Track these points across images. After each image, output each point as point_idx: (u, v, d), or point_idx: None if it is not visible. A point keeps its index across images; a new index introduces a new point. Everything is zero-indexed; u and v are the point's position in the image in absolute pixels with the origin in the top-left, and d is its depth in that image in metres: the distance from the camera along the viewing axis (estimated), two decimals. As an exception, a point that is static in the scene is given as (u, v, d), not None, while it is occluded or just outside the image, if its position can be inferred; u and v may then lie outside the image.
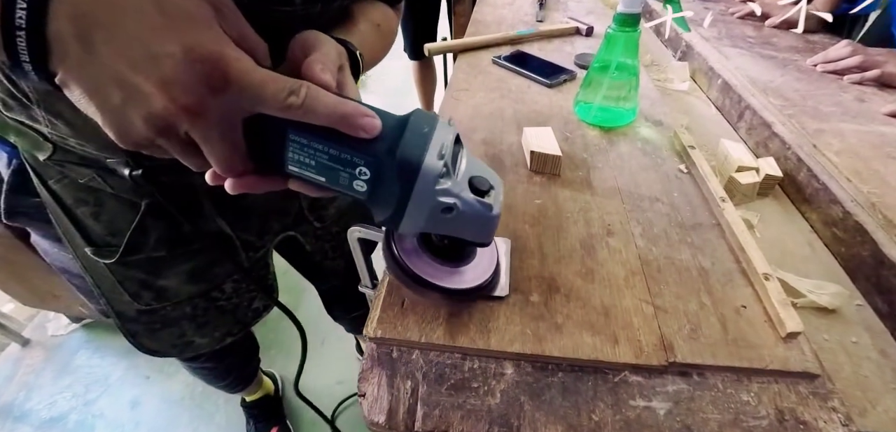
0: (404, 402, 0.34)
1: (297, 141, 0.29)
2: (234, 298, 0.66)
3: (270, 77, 0.26)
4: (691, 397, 0.35)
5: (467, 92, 0.74)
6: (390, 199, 0.30)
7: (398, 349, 0.37)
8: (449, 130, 0.30)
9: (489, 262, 0.39)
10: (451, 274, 0.37)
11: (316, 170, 0.30)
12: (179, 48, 0.23)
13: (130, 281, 0.56)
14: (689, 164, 0.58)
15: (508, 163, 0.57)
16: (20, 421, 1.26)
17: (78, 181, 0.49)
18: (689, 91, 0.87)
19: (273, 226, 0.64)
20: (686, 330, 0.38)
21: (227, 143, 0.27)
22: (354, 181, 0.29)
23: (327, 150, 0.29)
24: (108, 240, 0.53)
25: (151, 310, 0.60)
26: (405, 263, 0.36)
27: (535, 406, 0.34)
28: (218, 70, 0.24)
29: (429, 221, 0.31)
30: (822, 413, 0.34)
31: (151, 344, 0.65)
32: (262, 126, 0.28)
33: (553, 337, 0.37)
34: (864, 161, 0.58)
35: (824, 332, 0.44)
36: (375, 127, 0.28)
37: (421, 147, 0.28)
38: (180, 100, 0.24)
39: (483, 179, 0.32)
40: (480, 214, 0.31)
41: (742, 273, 0.44)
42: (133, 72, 0.23)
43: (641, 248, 0.45)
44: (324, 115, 0.27)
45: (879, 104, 0.71)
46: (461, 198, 0.30)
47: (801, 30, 0.98)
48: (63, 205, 0.51)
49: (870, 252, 0.49)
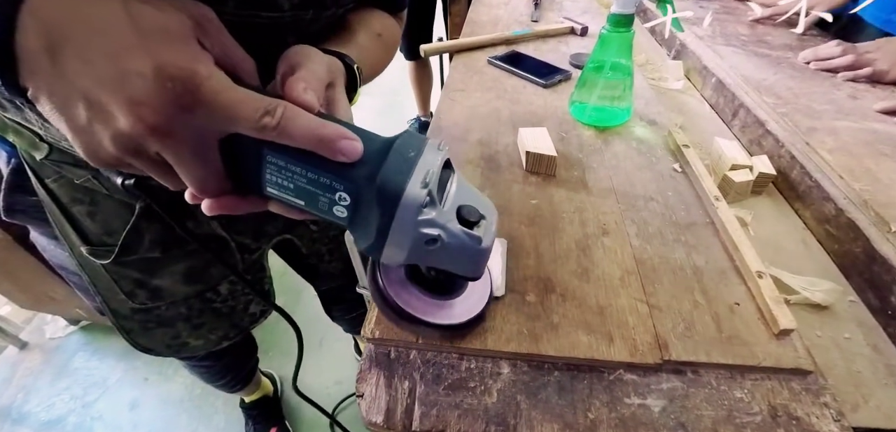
0: (402, 402, 0.34)
1: (274, 163, 0.27)
2: (231, 301, 0.66)
3: (245, 96, 0.25)
4: (686, 394, 0.35)
5: (463, 93, 0.74)
6: (371, 228, 0.28)
7: (396, 349, 0.38)
8: (437, 154, 0.28)
9: (481, 294, 0.37)
10: (439, 307, 0.35)
11: (294, 193, 0.28)
12: (149, 66, 0.22)
13: (125, 280, 0.57)
14: (683, 163, 0.59)
15: (504, 164, 0.57)
16: (19, 424, 1.25)
17: (74, 181, 0.49)
18: (684, 90, 0.88)
19: (268, 230, 0.64)
20: (680, 329, 0.38)
21: (200, 163, 0.26)
22: (334, 206, 0.28)
23: (305, 174, 0.27)
24: (103, 240, 0.53)
25: (146, 308, 0.60)
26: (390, 296, 0.34)
27: (531, 404, 0.34)
28: (188, 89, 0.23)
29: (412, 252, 0.29)
30: (815, 408, 0.35)
31: (145, 341, 0.66)
32: (239, 147, 0.27)
33: (549, 337, 0.37)
34: (857, 158, 0.58)
35: (817, 329, 0.44)
36: (356, 151, 0.27)
37: (404, 173, 0.27)
38: (148, 119, 0.23)
39: (472, 209, 0.30)
40: (468, 247, 0.29)
41: (736, 271, 0.44)
42: (100, 90, 0.22)
43: (636, 248, 0.46)
44: (301, 138, 0.26)
45: (872, 101, 0.72)
46: (447, 229, 0.28)
47: (801, 30, 0.98)
48: (59, 203, 0.51)
49: (862, 248, 0.50)
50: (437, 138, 0.30)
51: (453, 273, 0.31)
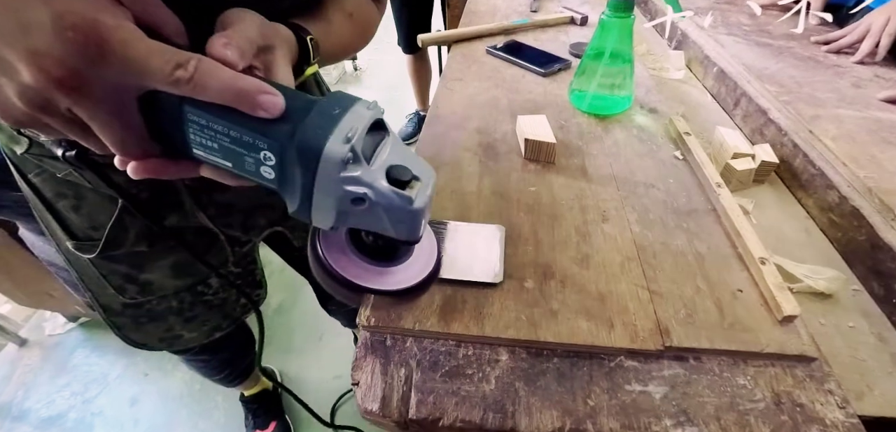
0: (398, 390, 0.34)
1: (196, 121, 0.26)
2: (222, 293, 0.66)
3: (155, 48, 0.24)
4: (687, 381, 0.35)
5: (461, 82, 0.74)
6: (297, 188, 0.27)
7: (392, 337, 0.37)
8: (366, 114, 0.27)
9: (428, 258, 0.36)
10: (381, 274, 0.35)
11: (220, 154, 0.27)
12: (48, 15, 0.21)
13: (114, 274, 0.56)
14: (684, 151, 0.58)
15: (502, 152, 0.57)
16: (19, 421, 1.25)
17: (56, 175, 0.48)
18: (685, 79, 0.87)
19: (259, 222, 0.63)
20: (682, 315, 0.38)
21: (118, 122, 0.25)
22: (261, 166, 0.27)
23: (228, 132, 0.26)
24: (89, 234, 0.52)
25: (137, 303, 0.60)
26: (328, 262, 0.33)
27: (530, 391, 0.34)
28: (92, 39, 0.22)
29: (341, 214, 0.28)
30: (819, 395, 0.34)
31: (138, 336, 0.65)
32: (158, 104, 0.26)
33: (548, 323, 0.36)
34: (861, 146, 0.57)
35: (821, 317, 0.44)
36: (276, 105, 0.26)
37: (325, 128, 0.26)
38: (52, 72, 0.22)
39: (403, 169, 0.29)
40: (397, 207, 0.28)
41: (738, 257, 0.43)
42: (0, 42, 0.21)
43: (637, 234, 0.45)
44: (217, 91, 0.25)
45: (875, 90, 0.71)
46: (374, 187, 0.27)
47: (800, 30, 0.97)
48: (43, 198, 0.50)
49: (866, 236, 0.49)
50: (371, 99, 0.29)
51: (390, 237, 0.30)
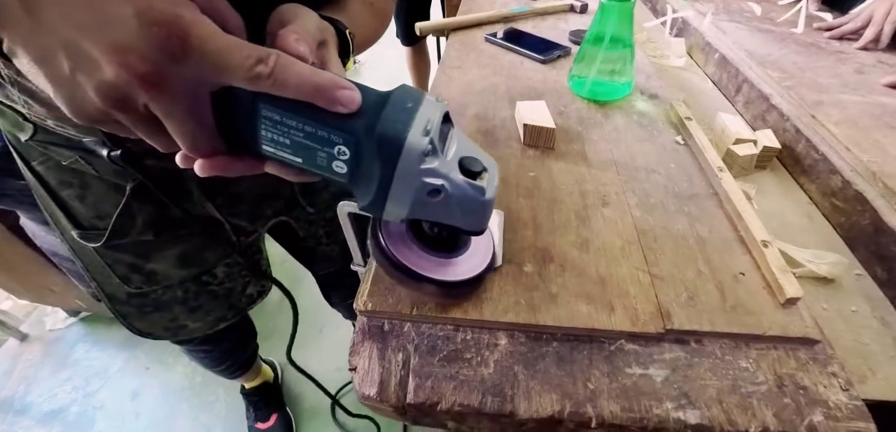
0: (396, 374, 0.33)
1: (269, 117, 0.26)
2: (227, 283, 0.66)
3: (236, 44, 0.24)
4: (689, 364, 0.34)
5: (460, 69, 0.73)
6: (372, 182, 0.27)
7: (390, 322, 0.36)
8: (437, 107, 0.28)
9: (485, 251, 0.36)
10: (442, 265, 0.34)
11: (292, 149, 0.27)
12: (131, 10, 0.21)
13: (119, 264, 0.56)
14: (685, 136, 0.57)
15: (501, 137, 0.56)
16: (21, 415, 1.26)
17: (61, 163, 0.47)
18: (686, 67, 0.86)
19: (265, 212, 0.63)
20: (683, 298, 0.37)
21: (192, 120, 0.25)
22: (333, 161, 0.27)
23: (302, 128, 0.26)
24: (94, 223, 0.51)
25: (142, 293, 0.59)
26: (393, 254, 0.33)
27: (529, 375, 0.33)
28: (176, 34, 0.22)
29: (415, 206, 0.28)
30: (823, 378, 0.34)
31: (143, 326, 0.65)
32: (232, 100, 0.26)
33: (548, 307, 0.36)
34: (864, 131, 0.57)
35: (823, 302, 0.43)
36: (354, 100, 0.26)
37: (404, 122, 0.26)
38: (135, 68, 0.22)
39: (475, 160, 0.29)
40: (471, 198, 0.28)
41: (740, 241, 0.43)
42: (81, 36, 0.21)
43: (637, 218, 0.45)
44: (296, 87, 0.25)
45: (879, 75, 0.70)
46: (450, 179, 0.27)
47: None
48: (48, 187, 0.50)
49: (869, 220, 0.48)
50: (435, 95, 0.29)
51: (457, 227, 0.30)
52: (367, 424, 1.17)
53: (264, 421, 1.16)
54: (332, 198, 0.73)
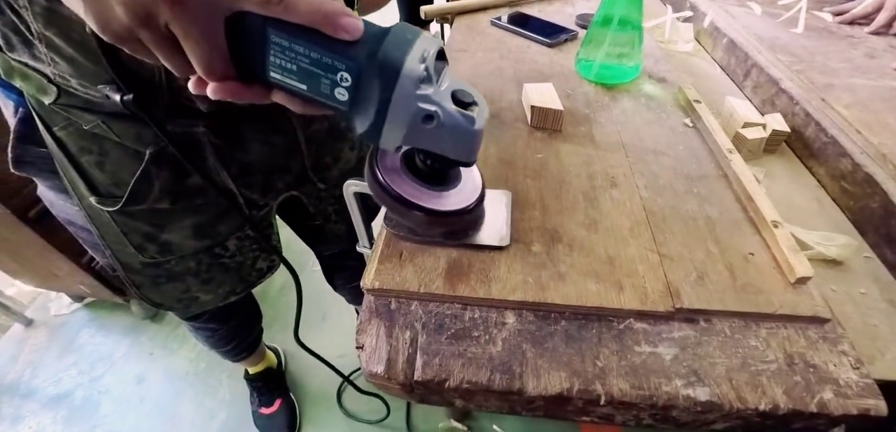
0: (403, 352, 0.33)
1: (278, 43, 0.28)
2: (238, 256, 0.67)
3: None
4: (698, 342, 0.34)
5: (465, 53, 0.72)
6: (371, 108, 0.29)
7: (397, 300, 0.36)
8: (433, 42, 0.29)
9: (473, 189, 0.38)
10: (433, 197, 0.36)
11: (297, 76, 0.29)
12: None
13: (135, 232, 0.56)
14: (694, 119, 0.57)
15: (508, 120, 0.56)
16: (27, 399, 1.27)
17: (83, 128, 0.48)
18: (694, 52, 0.85)
19: (276, 185, 0.64)
20: (693, 278, 0.37)
21: (207, 42, 0.27)
22: (336, 88, 0.29)
23: (308, 54, 0.28)
24: (111, 190, 0.53)
25: (156, 263, 0.61)
26: (387, 183, 0.35)
27: (537, 353, 0.33)
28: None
29: (410, 132, 0.30)
30: (833, 356, 0.34)
31: (156, 296, 0.66)
32: (244, 26, 0.28)
33: (556, 286, 0.36)
34: (875, 114, 0.56)
35: (832, 283, 0.43)
36: (357, 28, 0.28)
37: (402, 49, 0.28)
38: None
39: (466, 92, 0.31)
40: (462, 127, 0.30)
41: (750, 222, 0.43)
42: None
43: (646, 199, 0.44)
44: (305, 13, 0.27)
45: (890, 59, 0.69)
46: (443, 107, 0.29)
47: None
48: (68, 153, 0.50)
49: (879, 203, 0.48)
50: None
51: (447, 158, 0.32)
52: (376, 407, 1.17)
53: (268, 407, 1.16)
54: (341, 174, 0.72)
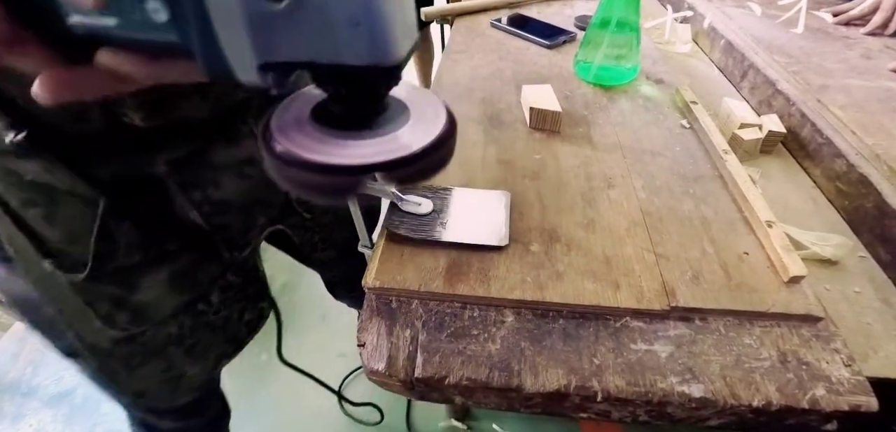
0: (404, 350, 0.34)
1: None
2: (224, 310, 0.57)
3: None
4: (693, 340, 0.35)
5: (465, 54, 0.73)
6: (192, 18, 0.19)
7: (397, 299, 0.37)
8: None
9: (434, 120, 0.25)
10: (367, 146, 0.23)
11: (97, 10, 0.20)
12: None
13: (101, 300, 0.46)
14: (691, 120, 0.57)
15: (507, 121, 0.56)
16: (28, 397, 1.27)
17: (24, 178, 0.40)
18: (691, 53, 0.86)
19: (257, 220, 0.56)
20: (688, 277, 0.38)
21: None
22: (148, 3, 0.20)
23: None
24: (65, 249, 0.43)
25: (129, 336, 0.50)
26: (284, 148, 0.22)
27: (536, 351, 0.34)
28: None
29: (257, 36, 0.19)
30: (825, 354, 0.34)
31: (136, 383, 0.54)
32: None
33: (554, 285, 0.37)
34: (870, 115, 0.57)
35: (826, 283, 0.44)
36: None
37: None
38: None
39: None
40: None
41: (745, 222, 0.43)
42: None
43: (643, 200, 0.45)
44: None
45: (885, 61, 0.70)
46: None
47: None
48: (8, 209, 0.42)
49: (874, 203, 0.49)
50: None
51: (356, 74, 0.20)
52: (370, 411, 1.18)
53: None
54: None
